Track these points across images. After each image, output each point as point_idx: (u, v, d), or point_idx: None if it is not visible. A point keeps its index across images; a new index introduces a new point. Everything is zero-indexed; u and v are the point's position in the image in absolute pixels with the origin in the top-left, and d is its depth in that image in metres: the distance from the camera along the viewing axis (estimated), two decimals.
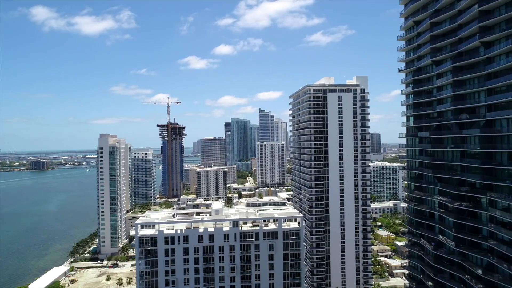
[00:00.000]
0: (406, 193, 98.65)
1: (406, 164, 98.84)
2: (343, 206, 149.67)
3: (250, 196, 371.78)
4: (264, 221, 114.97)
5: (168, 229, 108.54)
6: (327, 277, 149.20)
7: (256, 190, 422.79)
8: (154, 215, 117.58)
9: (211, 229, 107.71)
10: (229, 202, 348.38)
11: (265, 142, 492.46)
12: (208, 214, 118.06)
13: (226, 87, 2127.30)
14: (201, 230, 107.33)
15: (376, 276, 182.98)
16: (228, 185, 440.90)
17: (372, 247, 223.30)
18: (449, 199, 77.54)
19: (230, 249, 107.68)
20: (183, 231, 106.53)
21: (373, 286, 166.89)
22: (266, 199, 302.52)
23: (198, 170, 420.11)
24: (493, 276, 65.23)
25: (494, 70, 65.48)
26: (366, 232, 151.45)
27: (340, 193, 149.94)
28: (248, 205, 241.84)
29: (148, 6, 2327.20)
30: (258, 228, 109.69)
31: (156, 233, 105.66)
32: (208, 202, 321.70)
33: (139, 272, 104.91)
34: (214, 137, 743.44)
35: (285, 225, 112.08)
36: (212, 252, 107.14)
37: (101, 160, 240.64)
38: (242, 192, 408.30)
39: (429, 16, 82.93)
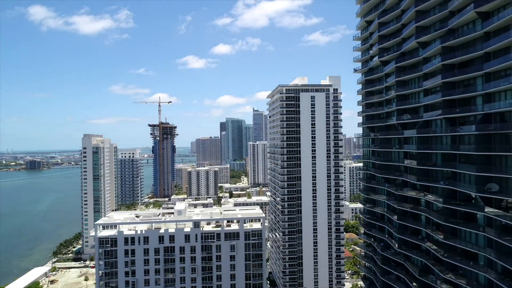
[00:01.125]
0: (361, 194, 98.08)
1: (362, 164, 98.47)
2: (316, 206, 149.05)
3: (240, 195, 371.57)
4: (228, 221, 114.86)
5: (130, 229, 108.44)
6: (299, 277, 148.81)
7: (248, 190, 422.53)
8: (117, 215, 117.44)
9: (172, 230, 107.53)
10: (219, 202, 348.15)
11: (257, 142, 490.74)
12: (172, 215, 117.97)
13: (224, 86, 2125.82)
14: (161, 231, 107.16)
15: (355, 276, 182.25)
16: (220, 184, 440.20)
17: (356, 246, 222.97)
18: (394, 200, 77.18)
19: (191, 249, 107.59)
20: (144, 232, 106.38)
21: (352, 285, 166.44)
22: (254, 198, 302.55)
23: (189, 169, 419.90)
24: (428, 277, 64.87)
25: (430, 70, 65.05)
26: (339, 232, 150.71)
27: (313, 193, 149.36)
28: (236, 204, 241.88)
29: (146, 6, 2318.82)
30: (219, 228, 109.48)
31: (116, 233, 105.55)
32: (197, 202, 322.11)
33: (99, 273, 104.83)
34: (210, 137, 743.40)
35: (247, 226, 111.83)
36: (173, 252, 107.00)
37: (85, 160, 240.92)
38: (234, 192, 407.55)
39: (377, 16, 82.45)
